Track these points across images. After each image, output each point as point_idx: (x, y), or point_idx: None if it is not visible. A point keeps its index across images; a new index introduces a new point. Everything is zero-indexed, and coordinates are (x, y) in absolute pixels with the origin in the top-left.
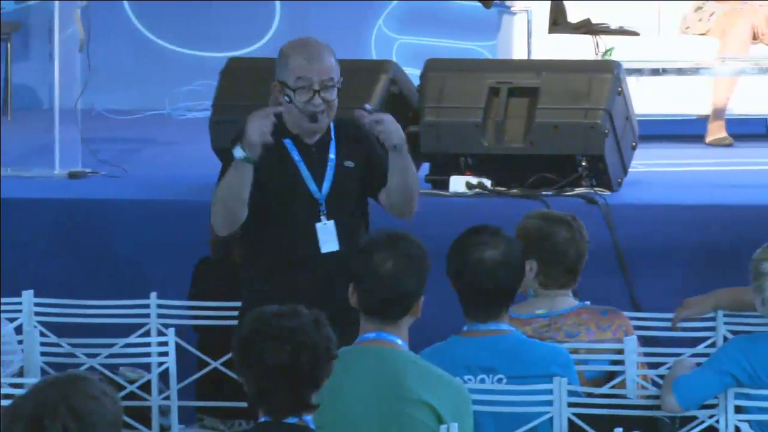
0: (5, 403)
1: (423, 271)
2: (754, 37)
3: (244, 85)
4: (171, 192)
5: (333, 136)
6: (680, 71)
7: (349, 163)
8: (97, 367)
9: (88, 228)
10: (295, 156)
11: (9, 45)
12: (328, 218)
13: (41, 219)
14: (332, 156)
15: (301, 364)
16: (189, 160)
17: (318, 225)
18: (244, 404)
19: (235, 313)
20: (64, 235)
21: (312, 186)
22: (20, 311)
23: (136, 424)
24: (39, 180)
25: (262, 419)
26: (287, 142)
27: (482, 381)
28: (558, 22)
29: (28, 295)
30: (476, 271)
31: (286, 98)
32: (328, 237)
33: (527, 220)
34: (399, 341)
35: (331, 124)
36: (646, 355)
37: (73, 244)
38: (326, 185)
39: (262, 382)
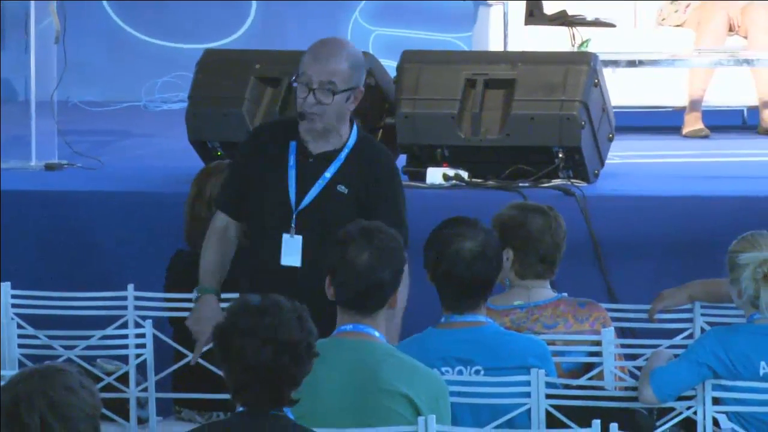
0: None
1: (399, 264)
2: (730, 29)
3: (220, 76)
4: (147, 184)
5: (344, 155)
6: (656, 63)
7: (341, 188)
8: (75, 359)
9: (64, 220)
10: (291, 161)
11: None
12: (299, 233)
13: (17, 211)
14: (328, 174)
15: (281, 363)
16: (165, 151)
17: (285, 236)
18: (221, 396)
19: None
20: (40, 227)
21: (292, 196)
22: None
23: (114, 416)
24: (15, 172)
25: (240, 410)
26: (292, 144)
27: (459, 372)
28: (534, 14)
29: (5, 287)
30: (454, 263)
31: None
32: (291, 251)
33: (504, 210)
34: (376, 333)
35: (351, 141)
36: (623, 346)
37: (50, 236)
38: (307, 200)
39: (240, 377)
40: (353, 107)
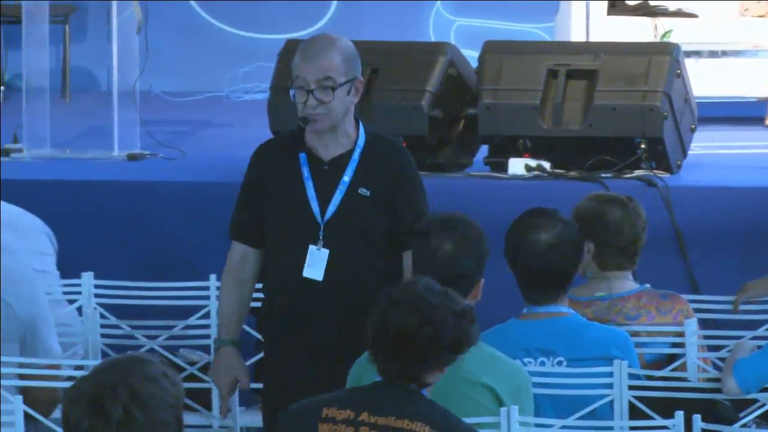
0: (67, 385)
1: (481, 254)
2: None
3: None
4: (228, 174)
5: (357, 155)
6: (739, 53)
7: (363, 191)
8: (157, 348)
9: (146, 210)
10: (305, 173)
11: (67, 27)
12: (326, 246)
13: (100, 201)
14: (346, 178)
15: (423, 335)
16: (246, 142)
17: (311, 248)
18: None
19: None
20: (122, 217)
21: (315, 208)
22: (80, 293)
23: (197, 406)
24: (97, 162)
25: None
26: (301, 156)
27: (542, 364)
28: (616, 5)
29: (87, 277)
30: (528, 255)
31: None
32: (315, 263)
33: (583, 201)
34: None
35: (360, 140)
36: (706, 337)
37: (132, 226)
38: (331, 209)
39: (384, 344)
40: (356, 100)
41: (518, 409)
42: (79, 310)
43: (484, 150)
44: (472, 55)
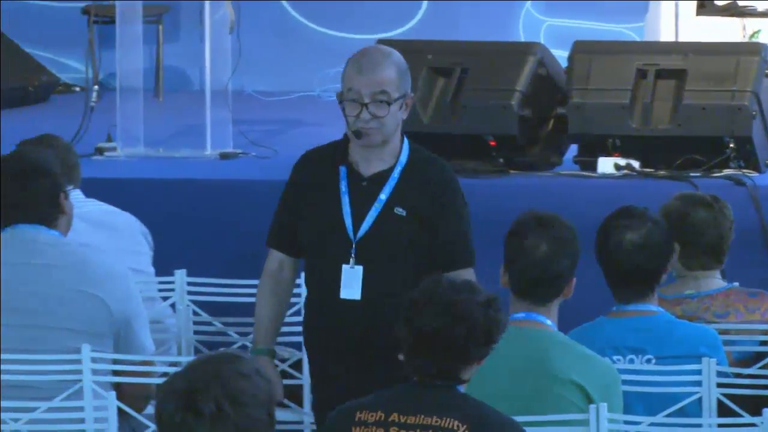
0: (160, 381)
1: (574, 253)
2: None
3: None
4: None
5: (397, 174)
6: None
7: (399, 210)
8: (249, 345)
9: (238, 208)
10: (343, 187)
11: (160, 27)
12: (359, 263)
13: (192, 199)
14: (383, 196)
15: (455, 334)
16: None
17: (344, 267)
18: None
19: None
20: (215, 215)
21: (348, 224)
22: (173, 290)
23: (289, 403)
24: (190, 161)
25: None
26: (342, 169)
27: (630, 361)
28: (705, 5)
29: (180, 274)
30: (616, 253)
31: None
32: (351, 282)
33: (669, 201)
34: (548, 322)
35: (403, 157)
36: None
37: (224, 224)
38: (364, 227)
39: (416, 345)
40: (405, 116)
41: (608, 407)
42: (172, 307)
43: (573, 149)
44: (561, 55)
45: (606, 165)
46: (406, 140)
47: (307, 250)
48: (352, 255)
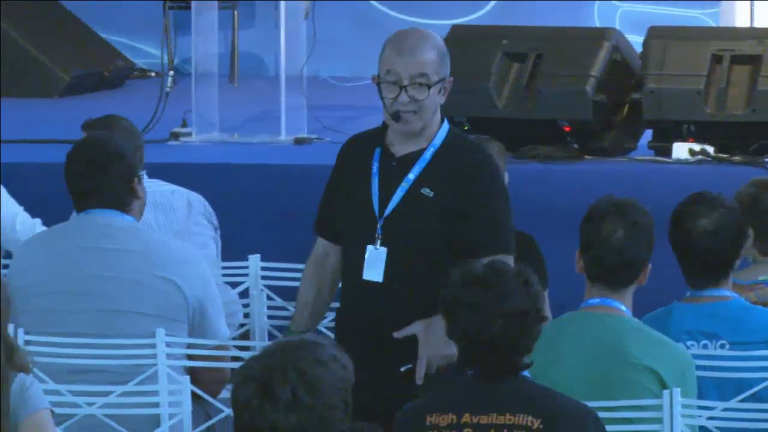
0: (235, 365)
1: (650, 240)
2: None
3: (467, 52)
4: None
5: (429, 154)
6: None
7: (426, 191)
8: (323, 330)
9: (312, 193)
10: (374, 168)
11: (235, 12)
12: (385, 244)
13: (267, 184)
14: (411, 176)
15: (511, 335)
16: None
17: (369, 247)
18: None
19: None
20: (289, 200)
21: (375, 204)
22: (247, 275)
23: None
24: (265, 146)
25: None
26: (377, 151)
27: (704, 347)
28: None
29: (254, 259)
30: (687, 239)
31: (378, 92)
32: (374, 264)
33: (742, 187)
34: (623, 307)
35: (438, 140)
36: None
37: (299, 209)
38: (390, 206)
39: (469, 349)
40: (443, 100)
41: (682, 392)
42: (246, 292)
43: (648, 134)
44: (636, 41)
45: (681, 150)
46: (445, 123)
47: (342, 232)
48: (378, 235)
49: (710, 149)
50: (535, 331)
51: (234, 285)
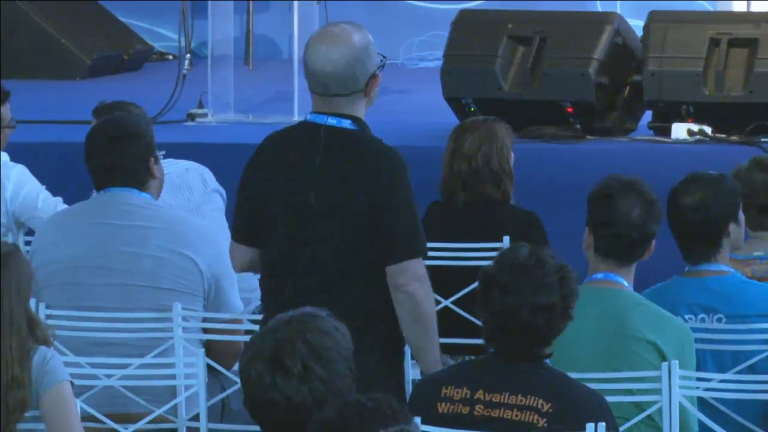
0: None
1: (660, 216)
2: None
3: (474, 35)
4: (404, 138)
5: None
6: None
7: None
8: None
9: None
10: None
11: None
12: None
13: None
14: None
15: (535, 324)
16: (422, 107)
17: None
18: (473, 341)
19: (467, 254)
20: None
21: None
22: None
23: None
24: (279, 127)
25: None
26: None
27: (702, 320)
28: None
29: None
30: (675, 215)
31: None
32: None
33: (738, 165)
34: (625, 282)
35: None
36: None
37: None
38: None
39: (494, 328)
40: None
41: (681, 364)
42: None
43: (648, 115)
44: (637, 25)
45: (680, 131)
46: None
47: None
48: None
49: (708, 129)
50: (559, 327)
51: None
